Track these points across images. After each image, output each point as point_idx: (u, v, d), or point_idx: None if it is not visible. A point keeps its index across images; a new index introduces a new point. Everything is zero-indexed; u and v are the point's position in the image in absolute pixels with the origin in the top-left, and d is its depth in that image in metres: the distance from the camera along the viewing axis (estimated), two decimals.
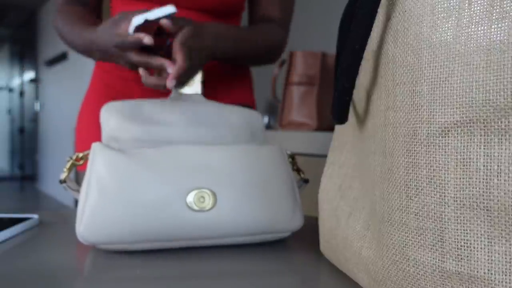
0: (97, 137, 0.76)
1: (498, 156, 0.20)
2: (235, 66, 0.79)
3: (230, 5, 0.73)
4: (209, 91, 0.76)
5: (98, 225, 0.37)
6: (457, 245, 0.22)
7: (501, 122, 0.20)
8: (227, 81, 0.78)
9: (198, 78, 0.52)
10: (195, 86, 0.52)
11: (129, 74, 0.74)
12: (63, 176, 0.43)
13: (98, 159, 0.39)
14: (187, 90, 0.52)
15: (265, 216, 0.41)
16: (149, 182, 0.38)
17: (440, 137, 0.22)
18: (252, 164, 0.42)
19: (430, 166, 0.23)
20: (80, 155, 0.43)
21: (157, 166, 0.39)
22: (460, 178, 0.22)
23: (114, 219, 0.37)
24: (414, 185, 0.24)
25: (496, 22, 0.20)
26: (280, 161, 0.44)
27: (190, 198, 0.39)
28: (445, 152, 0.22)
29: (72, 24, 0.66)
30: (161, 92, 0.74)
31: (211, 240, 0.41)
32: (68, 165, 0.43)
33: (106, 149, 0.40)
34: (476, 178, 0.21)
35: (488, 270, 0.21)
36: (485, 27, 0.21)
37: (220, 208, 0.39)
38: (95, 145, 0.40)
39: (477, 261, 0.21)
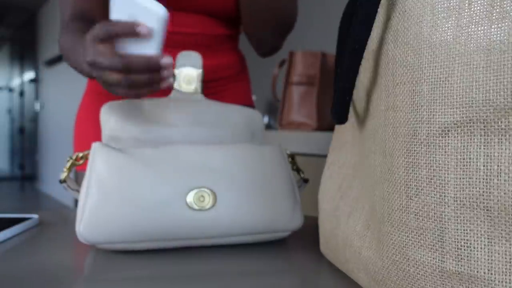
0: (96, 137, 0.76)
1: (498, 156, 0.20)
2: (235, 68, 0.79)
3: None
4: (208, 94, 0.76)
5: (98, 225, 0.37)
6: (457, 245, 0.22)
7: (501, 122, 0.20)
8: (226, 84, 0.78)
9: (198, 76, 0.52)
10: (195, 84, 0.52)
11: None
12: (63, 176, 0.43)
13: (98, 158, 0.39)
14: (188, 89, 0.52)
15: (264, 215, 0.41)
16: (149, 181, 0.38)
17: (440, 137, 0.22)
18: (252, 164, 0.42)
19: (430, 166, 0.23)
20: (80, 154, 0.43)
21: (157, 165, 0.39)
22: (460, 178, 0.22)
23: (114, 218, 0.37)
24: (414, 185, 0.24)
25: (496, 22, 0.20)
26: (280, 160, 0.44)
27: (190, 197, 0.39)
28: (445, 152, 0.22)
29: (75, 41, 0.58)
30: (162, 92, 0.74)
31: (211, 239, 0.41)
32: (68, 165, 0.43)
33: (106, 148, 0.40)
34: (476, 178, 0.21)
35: (488, 270, 0.21)
36: (485, 27, 0.21)
37: (220, 207, 0.39)
38: (95, 145, 0.40)
39: (477, 261, 0.21)
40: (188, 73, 0.52)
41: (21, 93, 6.40)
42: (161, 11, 0.44)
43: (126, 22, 0.43)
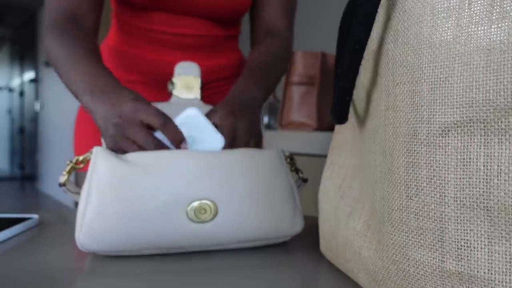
0: (95, 140, 0.75)
1: (498, 156, 0.20)
2: (235, 69, 0.79)
3: (241, 14, 0.73)
4: (208, 95, 0.76)
5: (97, 234, 0.37)
6: (457, 245, 0.22)
7: (501, 122, 0.20)
8: (226, 84, 0.78)
9: (197, 84, 0.52)
10: (194, 91, 0.52)
11: (134, 77, 0.73)
12: (62, 179, 0.42)
13: (99, 164, 0.38)
14: (187, 95, 0.52)
15: (265, 224, 0.40)
16: (149, 190, 0.38)
17: (440, 137, 0.22)
18: (251, 170, 0.41)
19: (430, 166, 0.23)
20: (81, 158, 0.43)
21: (158, 173, 0.38)
22: (460, 178, 0.22)
23: (113, 228, 0.37)
24: (414, 185, 0.24)
25: (496, 22, 0.20)
26: (279, 166, 0.44)
27: (191, 209, 0.38)
28: (445, 152, 0.22)
29: (69, 48, 0.54)
30: (162, 97, 0.74)
31: (211, 247, 0.41)
32: (67, 168, 0.43)
33: (107, 154, 0.39)
34: (476, 178, 0.21)
35: (488, 270, 0.21)
36: (485, 27, 0.21)
37: (221, 219, 0.39)
38: (96, 150, 0.40)
39: (477, 261, 0.21)
40: (187, 81, 0.52)
41: (21, 93, 6.40)
42: (220, 144, 0.46)
43: (179, 134, 0.45)
